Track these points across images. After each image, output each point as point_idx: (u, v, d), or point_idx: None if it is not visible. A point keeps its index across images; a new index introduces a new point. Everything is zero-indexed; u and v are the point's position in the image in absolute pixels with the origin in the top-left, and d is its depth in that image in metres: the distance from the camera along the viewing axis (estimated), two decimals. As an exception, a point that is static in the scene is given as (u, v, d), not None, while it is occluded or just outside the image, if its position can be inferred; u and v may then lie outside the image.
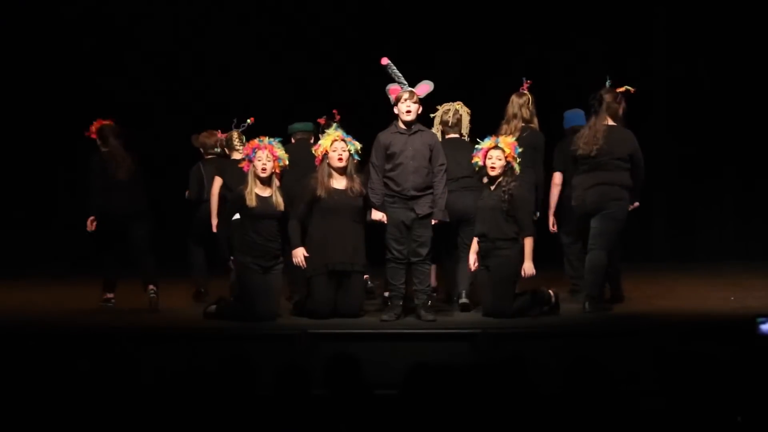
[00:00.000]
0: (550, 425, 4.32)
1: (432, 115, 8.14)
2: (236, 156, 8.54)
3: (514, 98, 8.21)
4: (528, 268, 7.40)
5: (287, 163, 7.59)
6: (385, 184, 7.49)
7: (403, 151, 7.42)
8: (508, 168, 7.48)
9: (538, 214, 8.11)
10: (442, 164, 7.50)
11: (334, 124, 7.52)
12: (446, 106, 8.17)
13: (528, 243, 7.42)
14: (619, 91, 7.79)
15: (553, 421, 4.32)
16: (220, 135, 8.82)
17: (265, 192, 7.47)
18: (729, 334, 6.43)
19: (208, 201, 8.62)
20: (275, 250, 7.48)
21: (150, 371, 4.69)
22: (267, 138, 7.49)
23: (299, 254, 7.48)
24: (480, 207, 7.56)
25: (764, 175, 11.09)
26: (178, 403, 4.42)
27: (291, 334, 6.94)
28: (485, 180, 7.62)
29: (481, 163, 7.54)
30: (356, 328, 7.16)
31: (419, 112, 7.47)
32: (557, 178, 8.39)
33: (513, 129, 8.11)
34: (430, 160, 7.46)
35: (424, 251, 7.46)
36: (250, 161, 7.45)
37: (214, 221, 8.25)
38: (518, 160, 7.52)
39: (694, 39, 11.22)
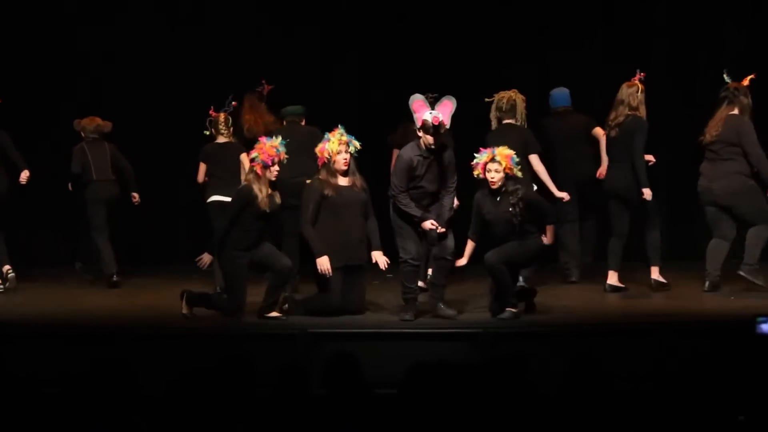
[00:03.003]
0: (550, 425, 4.32)
1: (487, 100, 8.58)
2: (221, 140, 8.68)
3: (624, 86, 8.40)
4: (549, 239, 7.54)
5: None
6: None
7: (425, 174, 7.44)
8: (508, 178, 7.45)
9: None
10: (453, 182, 7.54)
11: (341, 127, 7.58)
12: (501, 93, 8.64)
13: (551, 228, 7.56)
14: (748, 85, 8.25)
15: (552, 421, 4.32)
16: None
17: (269, 190, 7.53)
18: (729, 334, 6.43)
19: (96, 182, 9.06)
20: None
21: (149, 371, 4.69)
22: (280, 144, 7.52)
23: (325, 263, 7.48)
24: (494, 216, 7.46)
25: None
26: (178, 402, 4.42)
27: (291, 333, 6.94)
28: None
29: (482, 176, 7.49)
30: (356, 328, 7.17)
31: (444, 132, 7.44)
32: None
33: (619, 114, 8.35)
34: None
35: (450, 244, 7.48)
36: (266, 167, 7.46)
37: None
38: (516, 168, 7.46)
39: (694, 33, 11.17)
